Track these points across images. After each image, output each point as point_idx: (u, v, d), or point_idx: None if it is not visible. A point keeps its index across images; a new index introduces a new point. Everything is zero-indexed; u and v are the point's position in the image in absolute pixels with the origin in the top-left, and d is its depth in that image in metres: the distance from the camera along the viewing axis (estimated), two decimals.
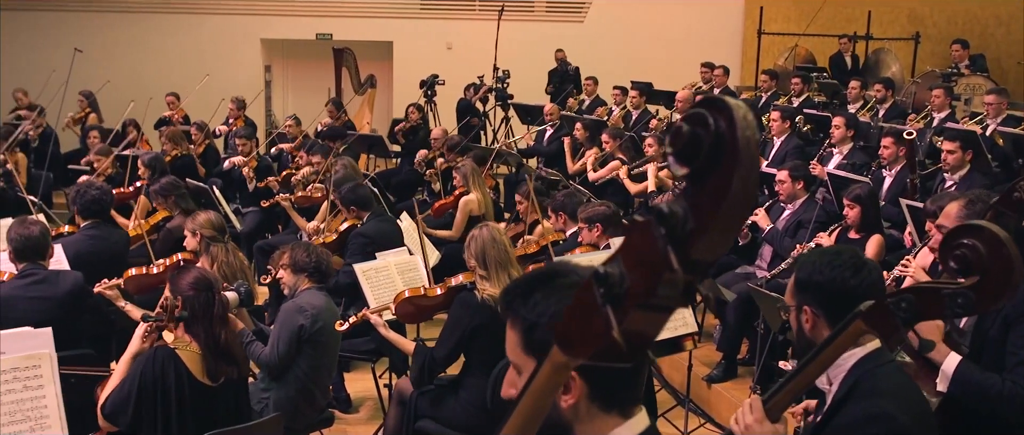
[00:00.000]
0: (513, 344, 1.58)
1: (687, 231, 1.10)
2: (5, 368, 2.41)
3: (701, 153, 1.09)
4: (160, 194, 6.51)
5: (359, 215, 6.25)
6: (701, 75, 12.09)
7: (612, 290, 1.19)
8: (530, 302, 1.56)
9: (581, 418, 1.53)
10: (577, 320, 1.27)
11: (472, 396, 4.22)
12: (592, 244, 5.08)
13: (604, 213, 5.08)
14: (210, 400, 3.57)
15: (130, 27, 14.33)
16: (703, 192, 1.09)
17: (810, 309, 2.41)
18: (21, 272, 4.67)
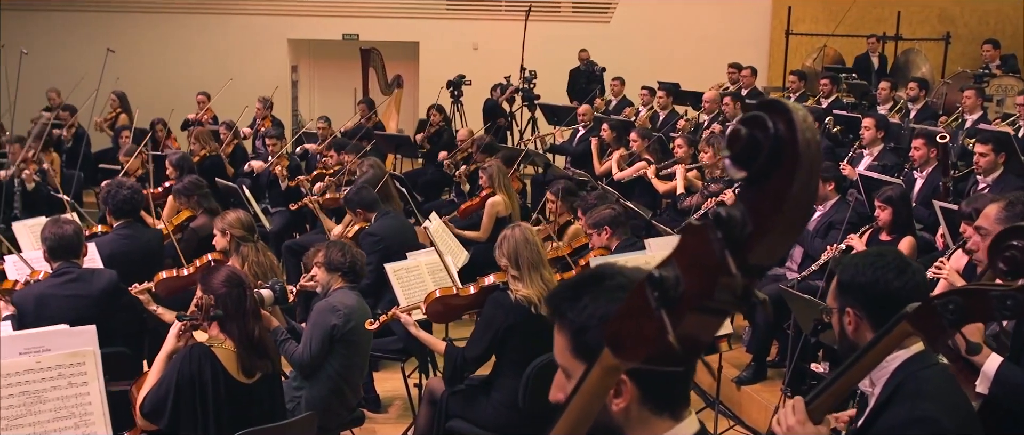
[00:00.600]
0: (561, 347, 1.57)
1: (745, 235, 1.10)
2: (50, 365, 2.44)
3: (760, 156, 1.08)
4: (183, 193, 6.56)
5: (366, 217, 6.30)
6: (728, 76, 12.03)
7: (667, 293, 1.19)
8: (578, 305, 1.55)
9: (632, 421, 1.52)
10: (630, 323, 1.26)
11: (504, 396, 4.22)
12: (604, 247, 5.07)
13: (610, 215, 5.09)
14: (246, 397, 3.59)
15: (158, 28, 14.45)
16: (762, 195, 1.08)
17: (853, 311, 2.39)
18: (56, 271, 4.70)
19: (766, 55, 14.68)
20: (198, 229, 6.28)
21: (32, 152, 8.49)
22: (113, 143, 10.77)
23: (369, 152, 8.48)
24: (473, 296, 4.42)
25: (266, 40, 14.73)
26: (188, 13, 14.59)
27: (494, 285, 4.30)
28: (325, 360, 4.41)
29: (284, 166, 8.56)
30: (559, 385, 1.59)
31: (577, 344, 1.54)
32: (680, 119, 10.48)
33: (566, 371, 1.58)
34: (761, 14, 14.72)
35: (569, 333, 1.56)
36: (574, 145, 10.25)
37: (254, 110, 11.61)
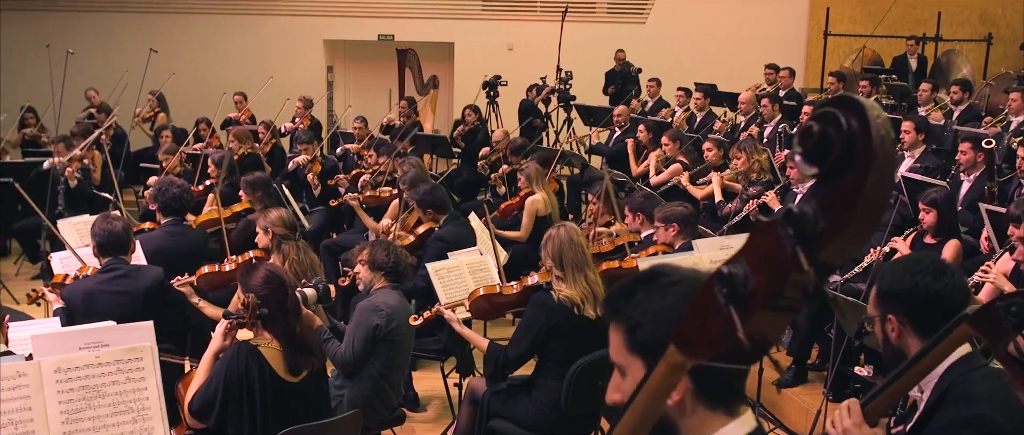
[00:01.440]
0: (617, 346, 1.58)
1: (817, 232, 1.10)
2: (109, 360, 2.48)
3: (832, 153, 1.08)
4: (251, 186, 6.61)
5: (436, 217, 6.29)
6: (765, 77, 11.95)
7: (736, 290, 1.19)
8: (632, 302, 1.55)
9: (687, 415, 1.52)
10: (697, 321, 1.26)
11: (546, 396, 4.23)
12: (667, 243, 5.05)
13: (682, 213, 5.05)
14: (292, 395, 3.62)
15: (196, 28, 14.61)
16: (835, 193, 1.08)
17: (895, 318, 2.39)
18: (104, 267, 4.77)
19: (803, 56, 14.57)
20: (253, 221, 6.35)
21: (78, 150, 8.63)
22: (153, 142, 10.90)
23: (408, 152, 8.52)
24: (516, 295, 4.43)
25: (302, 41, 14.85)
26: (226, 14, 14.75)
27: (537, 285, 4.31)
28: (367, 359, 4.44)
29: (316, 171, 8.61)
30: (615, 386, 1.59)
31: (632, 340, 1.54)
32: (717, 120, 10.42)
33: (622, 369, 1.58)
34: (798, 15, 14.62)
35: (624, 330, 1.56)
36: (610, 146, 10.24)
37: (292, 110, 11.70)
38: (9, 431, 2.29)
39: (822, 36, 13.74)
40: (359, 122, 10.39)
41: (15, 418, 2.31)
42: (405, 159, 7.71)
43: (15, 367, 2.34)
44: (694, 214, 5.23)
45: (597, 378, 4.23)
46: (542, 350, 4.25)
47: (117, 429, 2.46)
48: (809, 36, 14.59)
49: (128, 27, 14.23)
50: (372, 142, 9.40)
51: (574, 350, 4.15)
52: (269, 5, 14.83)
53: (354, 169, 8.87)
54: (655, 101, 11.99)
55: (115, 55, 13.34)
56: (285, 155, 10.15)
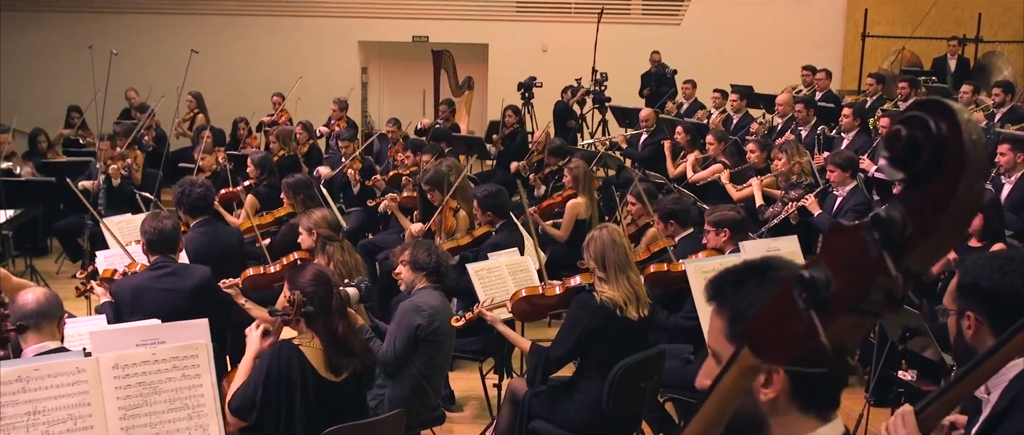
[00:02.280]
0: (716, 331, 1.55)
1: (904, 237, 1.08)
2: (165, 357, 2.51)
3: (921, 158, 1.07)
4: (293, 189, 6.66)
5: (493, 221, 6.29)
6: (802, 78, 11.88)
7: (817, 294, 1.18)
8: (742, 291, 1.52)
9: (779, 413, 1.50)
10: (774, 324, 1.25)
11: (587, 398, 4.22)
12: (717, 248, 5.00)
13: (734, 218, 4.98)
14: (334, 395, 3.63)
15: (233, 30, 14.73)
16: (924, 198, 1.07)
17: (974, 315, 2.32)
18: (153, 264, 4.83)
19: (840, 57, 14.46)
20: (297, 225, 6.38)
21: (119, 149, 8.74)
22: (193, 143, 10.99)
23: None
24: (559, 296, 4.43)
25: (337, 42, 14.94)
26: (261, 16, 14.87)
27: (580, 286, 4.30)
28: (409, 359, 4.45)
29: (357, 168, 8.66)
30: (707, 371, 1.57)
31: (733, 330, 1.52)
32: (754, 122, 10.36)
33: (717, 356, 1.56)
34: (835, 16, 14.51)
35: (728, 317, 1.53)
36: (640, 149, 10.20)
37: (327, 111, 11.76)
38: (68, 426, 2.32)
39: (860, 37, 13.61)
40: (391, 125, 10.42)
41: (74, 413, 2.34)
42: (442, 160, 7.72)
43: (74, 363, 2.38)
44: (745, 220, 5.16)
45: (639, 380, 4.22)
46: (584, 351, 4.24)
47: (173, 425, 2.49)
48: (846, 37, 14.48)
49: (169, 28, 14.40)
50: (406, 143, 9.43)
51: (616, 351, 4.15)
52: (304, 7, 14.93)
53: (391, 171, 8.91)
54: (690, 103, 11.94)
55: (157, 56, 13.50)
56: (322, 157, 10.21)
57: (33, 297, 3.39)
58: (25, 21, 14.50)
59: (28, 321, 3.32)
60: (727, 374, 1.38)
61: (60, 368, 2.34)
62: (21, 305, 3.36)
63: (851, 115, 8.62)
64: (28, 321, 3.32)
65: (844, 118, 8.67)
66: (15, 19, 14.36)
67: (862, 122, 8.84)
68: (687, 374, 4.79)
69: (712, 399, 1.40)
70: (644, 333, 4.31)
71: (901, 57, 13.15)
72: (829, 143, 8.76)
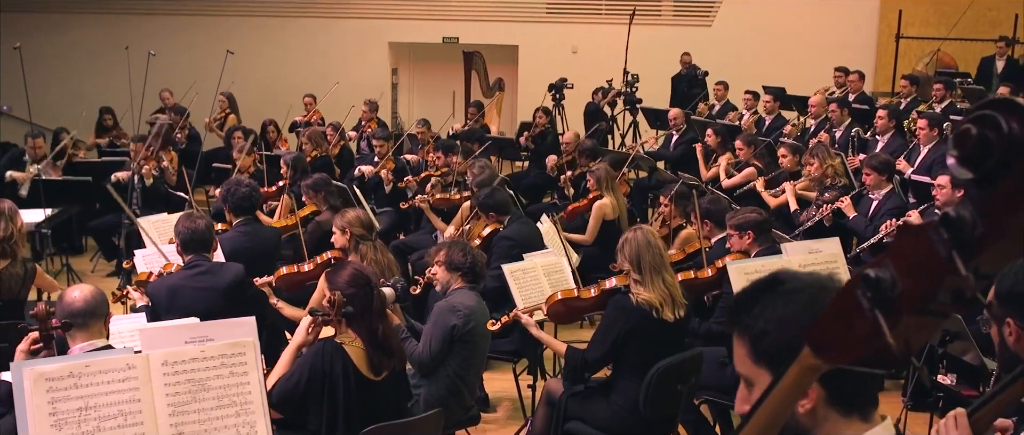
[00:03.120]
0: (742, 357, 1.55)
1: (975, 237, 1.08)
2: (214, 354, 2.53)
3: (991, 157, 1.06)
4: (312, 189, 6.72)
5: (499, 219, 6.31)
6: (834, 80, 11.79)
7: (883, 294, 1.18)
8: (755, 311, 1.53)
9: (820, 423, 1.50)
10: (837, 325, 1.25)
11: (624, 399, 4.21)
12: (743, 251, 4.98)
13: (756, 220, 4.97)
14: (374, 394, 3.66)
15: (263, 31, 14.85)
16: (995, 198, 1.06)
17: (1014, 322, 2.33)
18: (188, 263, 4.88)
19: (873, 59, 14.32)
20: (323, 223, 6.44)
21: (151, 150, 8.82)
22: (225, 143, 11.08)
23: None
24: (595, 298, 4.42)
25: (367, 43, 15.01)
26: (293, 17, 14.97)
27: (616, 288, 4.29)
28: (444, 359, 4.46)
29: (390, 168, 8.69)
30: (743, 398, 1.57)
31: (758, 350, 1.52)
32: (787, 124, 10.30)
33: (748, 381, 1.56)
34: (868, 17, 14.38)
35: (748, 340, 1.54)
36: (670, 150, 10.17)
37: (357, 112, 11.81)
38: (119, 421, 2.35)
39: (894, 39, 13.47)
40: (422, 126, 10.46)
41: (125, 409, 2.37)
42: (476, 161, 7.74)
43: (124, 359, 2.41)
44: (768, 220, 5.13)
45: (676, 381, 4.21)
46: (620, 352, 4.24)
47: (221, 422, 2.51)
48: (879, 38, 14.35)
49: (203, 29, 14.56)
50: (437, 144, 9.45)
51: (653, 353, 4.14)
52: (335, 8, 15.02)
53: (423, 171, 8.93)
54: (722, 104, 11.89)
55: (191, 57, 13.62)
56: (353, 158, 10.26)
57: (80, 295, 3.43)
58: (58, 23, 14.70)
59: (75, 319, 3.36)
60: (784, 377, 1.37)
61: (111, 364, 2.37)
62: (69, 303, 3.40)
63: (886, 117, 8.54)
64: (75, 319, 3.36)
65: (879, 120, 8.60)
66: (48, 21, 14.57)
67: (897, 124, 8.76)
68: (723, 376, 4.77)
69: (767, 404, 1.39)
70: (680, 335, 4.30)
71: (936, 59, 13.01)
72: (863, 145, 8.69)
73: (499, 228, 6.28)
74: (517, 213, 6.44)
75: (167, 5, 14.71)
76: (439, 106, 14.06)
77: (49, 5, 14.83)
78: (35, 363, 2.36)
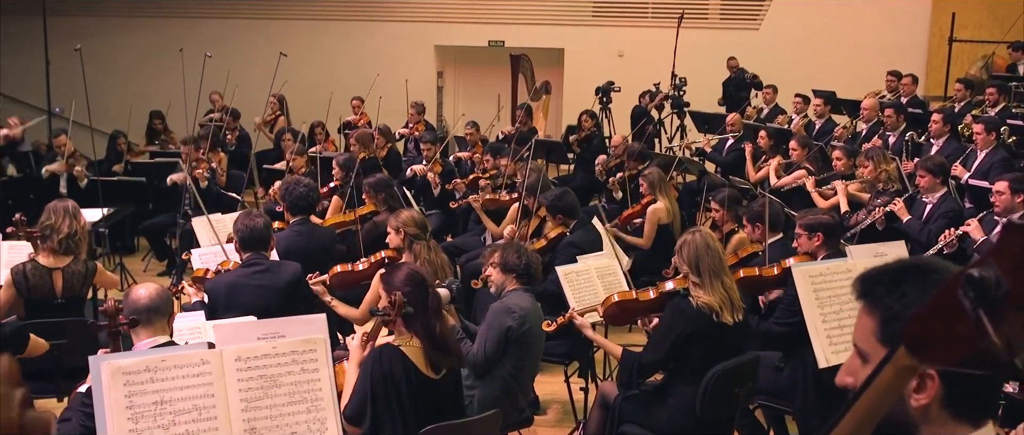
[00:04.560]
0: (866, 331, 1.51)
1: None
2: (285, 351, 2.56)
3: None
4: (373, 189, 6.76)
5: (566, 222, 6.30)
6: (886, 84, 11.62)
7: (987, 294, 1.16)
8: (897, 292, 1.48)
9: (931, 421, 1.45)
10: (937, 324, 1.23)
11: (681, 403, 4.19)
12: (809, 253, 4.89)
13: (828, 223, 4.86)
14: (436, 393, 3.66)
15: (310, 34, 15.02)
16: None
17: None
18: (246, 261, 4.93)
19: (924, 62, 14.11)
20: (380, 223, 6.47)
21: (202, 151, 8.94)
22: (274, 145, 11.20)
23: None
24: (652, 301, 4.40)
25: (414, 46, 15.11)
26: (339, 20, 15.11)
27: (675, 291, 4.27)
28: (499, 360, 4.47)
29: (437, 171, 8.73)
30: (850, 369, 1.54)
31: (886, 331, 1.47)
32: (837, 128, 10.18)
33: (864, 355, 1.52)
34: (919, 20, 14.18)
35: (880, 317, 1.49)
36: (724, 154, 10.10)
37: (403, 115, 11.88)
38: (193, 416, 2.39)
39: (946, 42, 13.26)
40: (471, 128, 10.49)
41: (199, 404, 2.40)
42: (526, 163, 7.75)
43: (199, 354, 2.44)
44: (839, 224, 5.03)
45: (733, 385, 4.18)
46: (678, 356, 4.21)
47: (292, 418, 2.54)
48: (931, 42, 14.15)
49: (255, 32, 14.76)
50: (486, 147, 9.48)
51: (710, 357, 4.11)
52: (382, 11, 15.14)
53: (470, 174, 8.96)
54: (771, 108, 11.80)
55: (243, 59, 13.79)
56: (400, 159, 10.32)
57: (145, 292, 3.48)
58: (113, 27, 14.97)
59: (140, 316, 3.42)
60: (880, 375, 1.36)
61: (186, 359, 2.41)
62: (134, 300, 3.46)
63: (941, 121, 8.41)
64: (140, 316, 3.42)
65: (934, 124, 8.47)
66: (103, 25, 14.84)
67: (952, 128, 8.63)
68: (778, 381, 4.73)
69: (863, 400, 1.38)
70: (738, 338, 4.26)
71: (990, 62, 12.78)
72: (917, 149, 8.57)
73: (565, 232, 6.27)
74: (583, 218, 6.42)
75: (220, 9, 14.93)
76: (484, 109, 14.11)
77: (105, 9, 15.12)
78: (112, 357, 2.40)
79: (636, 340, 5.97)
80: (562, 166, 11.67)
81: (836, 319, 3.75)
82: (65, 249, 5.11)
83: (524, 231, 6.50)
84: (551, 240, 6.28)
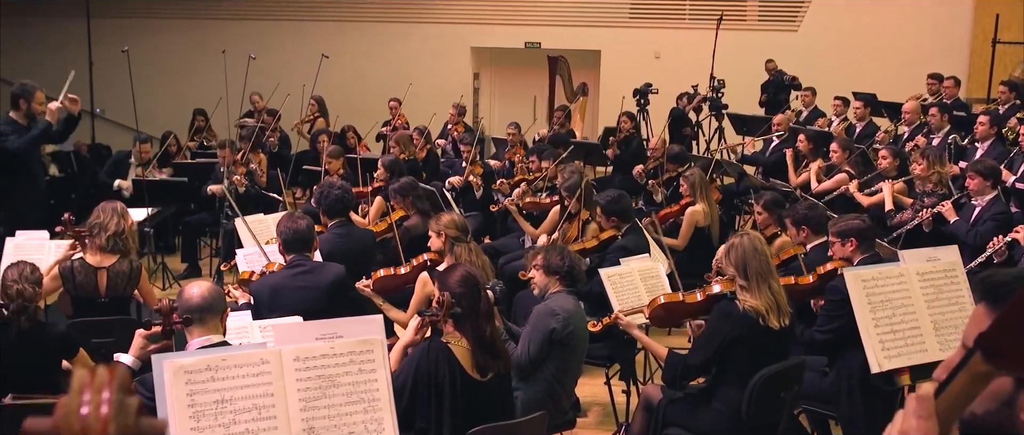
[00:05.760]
0: None
1: None
2: (343, 351, 2.59)
3: None
4: (399, 193, 6.79)
5: (619, 225, 6.30)
6: (928, 87, 11.50)
7: None
8: None
9: None
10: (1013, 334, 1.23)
11: (726, 406, 4.17)
12: (845, 259, 4.87)
13: (859, 227, 4.84)
14: (480, 394, 3.69)
15: (342, 36, 15.09)
16: None
17: None
18: (289, 263, 4.97)
19: (966, 64, 13.92)
20: (410, 228, 6.50)
21: (241, 154, 9.02)
22: (311, 147, 11.28)
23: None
24: (699, 303, 4.39)
25: (450, 48, 15.16)
26: (375, 22, 15.19)
27: (721, 294, 4.25)
28: (542, 362, 4.48)
29: (478, 173, 8.75)
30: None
31: None
32: (878, 131, 10.08)
33: None
34: (961, 21, 14.00)
35: None
36: (767, 156, 10.03)
37: (439, 116, 11.91)
38: (253, 415, 2.42)
39: (990, 44, 13.06)
40: (512, 128, 10.50)
41: (259, 403, 2.43)
42: (566, 165, 7.76)
43: (259, 354, 2.48)
44: (872, 228, 5.00)
45: (779, 389, 4.16)
46: (723, 359, 4.20)
47: (350, 418, 2.56)
48: (973, 44, 13.96)
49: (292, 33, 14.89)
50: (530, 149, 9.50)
51: (756, 361, 4.09)
52: (418, 13, 15.19)
53: (509, 177, 8.98)
54: (810, 110, 11.70)
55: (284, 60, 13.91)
56: (438, 161, 10.36)
57: (198, 291, 3.53)
58: (155, 28, 15.17)
59: (193, 314, 3.47)
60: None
61: (246, 359, 2.45)
62: (186, 299, 3.51)
63: (987, 123, 8.30)
64: (193, 314, 3.47)
65: (980, 126, 8.36)
66: (146, 27, 15.03)
67: (997, 131, 8.52)
68: (822, 385, 4.70)
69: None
70: (785, 342, 4.24)
71: None
72: (962, 152, 8.46)
73: (617, 235, 6.27)
74: (635, 223, 6.41)
75: (260, 10, 15.07)
76: (520, 111, 14.12)
77: (148, 11, 15.32)
78: (174, 356, 2.44)
79: (675, 342, 5.95)
80: (599, 168, 11.64)
81: (888, 324, 3.71)
82: (112, 247, 5.18)
83: (569, 233, 6.50)
84: (603, 241, 6.27)
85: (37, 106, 6.95)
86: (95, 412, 0.92)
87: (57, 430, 0.91)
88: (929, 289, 3.79)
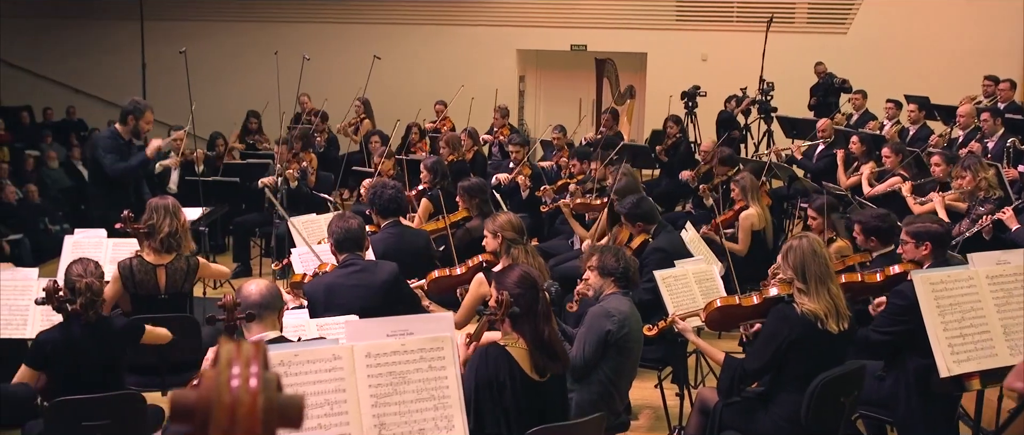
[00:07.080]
0: None
1: None
2: (413, 348, 2.61)
3: None
4: (467, 193, 6.80)
5: (647, 229, 6.27)
6: (983, 89, 11.28)
7: None
8: None
9: None
10: None
11: (784, 411, 4.13)
12: (916, 262, 4.76)
13: (937, 232, 4.69)
14: (539, 394, 3.69)
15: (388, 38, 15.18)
16: None
17: None
18: (342, 262, 5.00)
19: (1020, 67, 13.67)
20: (473, 229, 6.52)
21: (293, 152, 9.12)
22: (360, 148, 11.36)
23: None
24: (756, 307, 4.35)
25: (496, 50, 15.19)
26: (422, 24, 15.27)
27: (779, 297, 4.21)
28: (597, 364, 4.47)
29: (527, 175, 8.76)
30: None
31: None
32: (932, 134, 9.93)
33: None
34: (1016, 22, 13.73)
35: None
36: (814, 161, 9.92)
37: (485, 118, 11.94)
38: (325, 410, 2.45)
39: None
40: (558, 132, 10.50)
41: (330, 398, 2.46)
42: (617, 167, 7.74)
43: (331, 350, 2.50)
44: (948, 234, 4.87)
45: (839, 394, 4.10)
46: (781, 363, 4.16)
47: (420, 414, 2.58)
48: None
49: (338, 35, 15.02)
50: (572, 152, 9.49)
51: (815, 365, 4.05)
52: (465, 15, 15.25)
53: (558, 180, 8.98)
54: (861, 113, 11.56)
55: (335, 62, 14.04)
56: (486, 163, 10.39)
57: (256, 288, 3.57)
58: (208, 30, 15.38)
59: (254, 310, 3.51)
60: None
61: (319, 355, 2.47)
62: (246, 296, 3.55)
63: None
64: (254, 310, 3.51)
65: None
66: (198, 29, 15.25)
67: None
68: (880, 390, 4.63)
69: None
70: (843, 347, 4.18)
71: None
72: (1020, 156, 8.31)
73: (648, 239, 6.24)
74: (663, 222, 6.38)
75: (311, 12, 15.22)
76: (565, 113, 14.13)
77: (200, 13, 15.54)
78: None
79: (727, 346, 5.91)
80: (646, 171, 11.60)
81: (957, 328, 3.66)
82: (167, 247, 5.26)
83: (620, 237, 6.47)
84: (635, 250, 6.24)
85: (145, 125, 7.14)
86: (244, 384, 0.94)
87: (206, 402, 0.92)
88: (999, 293, 3.73)
